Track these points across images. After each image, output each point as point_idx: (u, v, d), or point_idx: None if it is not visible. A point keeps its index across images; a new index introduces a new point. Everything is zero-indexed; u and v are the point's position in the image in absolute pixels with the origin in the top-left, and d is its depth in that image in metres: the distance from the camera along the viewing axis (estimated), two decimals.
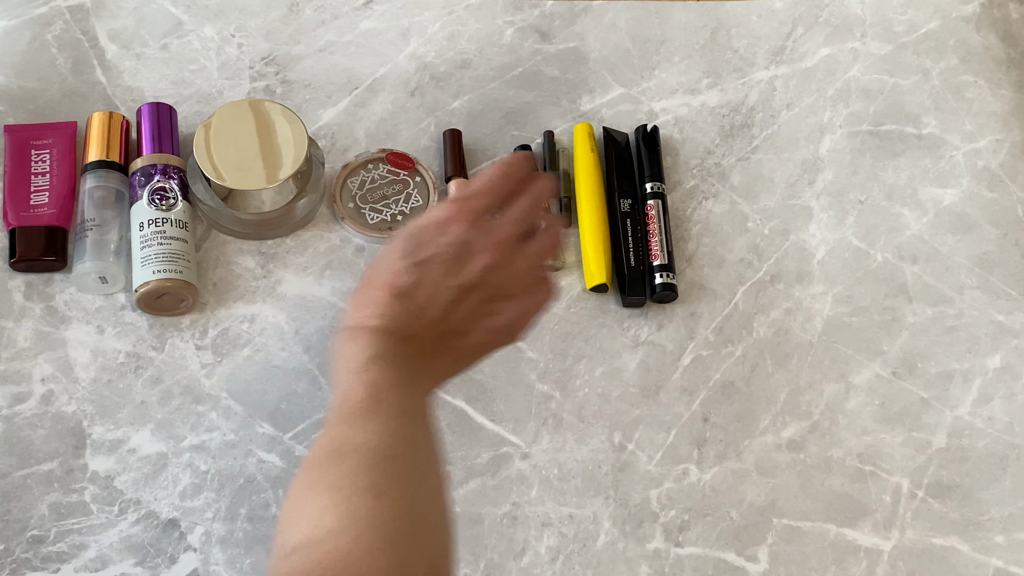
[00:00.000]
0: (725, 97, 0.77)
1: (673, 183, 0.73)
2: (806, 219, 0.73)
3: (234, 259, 0.69)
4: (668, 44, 0.79)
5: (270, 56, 0.76)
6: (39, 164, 0.69)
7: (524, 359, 0.67)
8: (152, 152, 0.68)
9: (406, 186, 0.71)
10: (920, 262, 0.72)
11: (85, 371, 0.65)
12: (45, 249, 0.66)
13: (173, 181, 0.67)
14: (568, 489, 0.64)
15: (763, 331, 0.69)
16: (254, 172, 0.65)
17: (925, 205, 0.74)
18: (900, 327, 0.70)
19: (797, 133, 0.76)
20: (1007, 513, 0.65)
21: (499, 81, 0.76)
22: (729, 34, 0.79)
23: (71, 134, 0.70)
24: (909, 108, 0.77)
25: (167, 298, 0.65)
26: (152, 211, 0.66)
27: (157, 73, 0.74)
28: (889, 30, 0.80)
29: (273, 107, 0.67)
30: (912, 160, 0.75)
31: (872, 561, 0.63)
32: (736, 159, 0.75)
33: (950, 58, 0.79)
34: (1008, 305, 0.71)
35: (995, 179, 0.75)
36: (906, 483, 0.65)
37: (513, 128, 0.75)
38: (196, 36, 0.76)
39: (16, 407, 0.64)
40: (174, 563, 0.60)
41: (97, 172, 0.68)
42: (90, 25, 0.76)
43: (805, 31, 0.80)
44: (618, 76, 0.77)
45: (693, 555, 0.63)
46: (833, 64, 0.78)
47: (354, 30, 0.77)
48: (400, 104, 0.75)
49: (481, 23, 0.78)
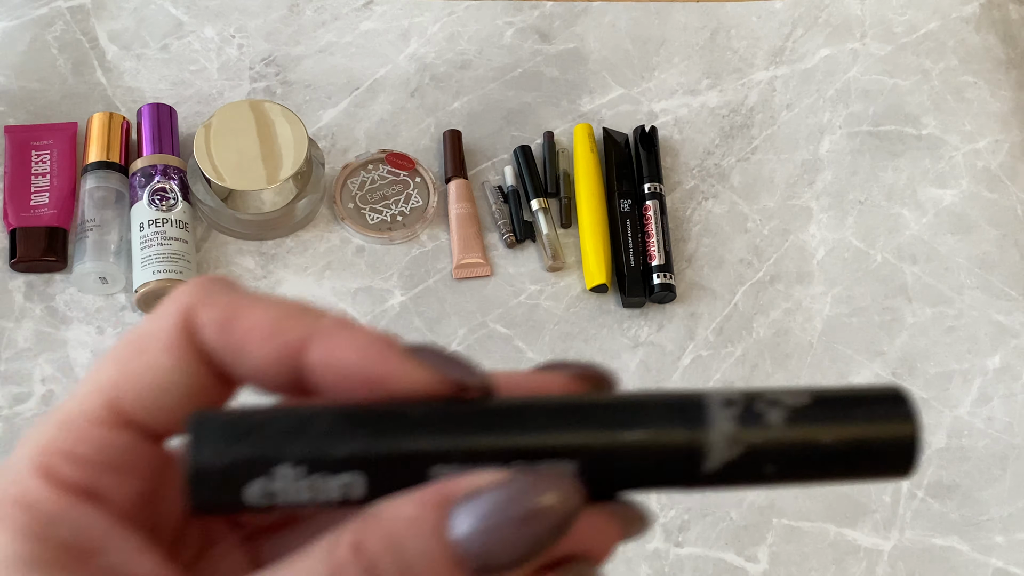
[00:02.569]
0: (725, 98, 0.77)
1: (673, 184, 0.73)
2: (806, 219, 0.73)
3: (234, 260, 0.69)
4: (668, 45, 0.79)
5: (270, 57, 0.76)
6: (39, 165, 0.69)
7: (524, 359, 0.67)
8: (152, 153, 0.68)
9: (406, 187, 0.71)
10: (920, 262, 0.72)
11: (85, 372, 0.65)
12: (45, 250, 0.66)
13: (173, 182, 0.67)
14: None
15: (763, 331, 0.69)
16: (254, 173, 0.65)
17: (925, 206, 0.74)
18: (900, 327, 0.70)
19: (797, 134, 0.76)
20: (1007, 513, 0.65)
21: (499, 82, 0.76)
22: (729, 35, 0.79)
23: (71, 135, 0.70)
24: (909, 109, 0.77)
25: None
26: (152, 212, 0.66)
27: (157, 74, 0.74)
28: (889, 31, 0.80)
29: (273, 108, 0.67)
30: (912, 161, 0.75)
31: (872, 561, 0.63)
32: (736, 160, 0.75)
33: (950, 59, 0.79)
34: (1008, 305, 0.71)
35: (995, 180, 0.75)
36: (906, 483, 0.65)
37: (513, 129, 0.75)
38: (196, 37, 0.76)
39: (16, 407, 0.64)
40: None
41: (97, 173, 0.68)
42: (90, 26, 0.76)
43: (805, 32, 0.80)
44: (618, 77, 0.77)
45: (693, 555, 0.63)
46: (833, 65, 0.78)
47: (354, 31, 0.77)
48: (400, 105, 0.75)
49: (481, 24, 0.78)
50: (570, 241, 0.71)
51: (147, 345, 0.22)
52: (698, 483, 0.22)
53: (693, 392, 0.23)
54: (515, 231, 0.70)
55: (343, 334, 0.22)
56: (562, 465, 0.22)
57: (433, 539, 0.20)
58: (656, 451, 0.22)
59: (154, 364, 0.22)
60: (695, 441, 0.22)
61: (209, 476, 0.21)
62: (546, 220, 0.70)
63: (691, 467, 0.22)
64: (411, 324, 0.68)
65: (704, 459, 0.22)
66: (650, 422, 0.22)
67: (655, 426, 0.22)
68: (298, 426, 0.21)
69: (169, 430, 0.23)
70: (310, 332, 0.22)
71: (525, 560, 0.20)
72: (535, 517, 0.20)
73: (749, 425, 0.22)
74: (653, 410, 0.22)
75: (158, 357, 0.22)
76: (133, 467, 0.22)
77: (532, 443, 0.21)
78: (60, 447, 0.22)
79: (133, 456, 0.22)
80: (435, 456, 0.21)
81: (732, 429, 0.22)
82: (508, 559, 0.20)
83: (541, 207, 0.71)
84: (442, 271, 0.69)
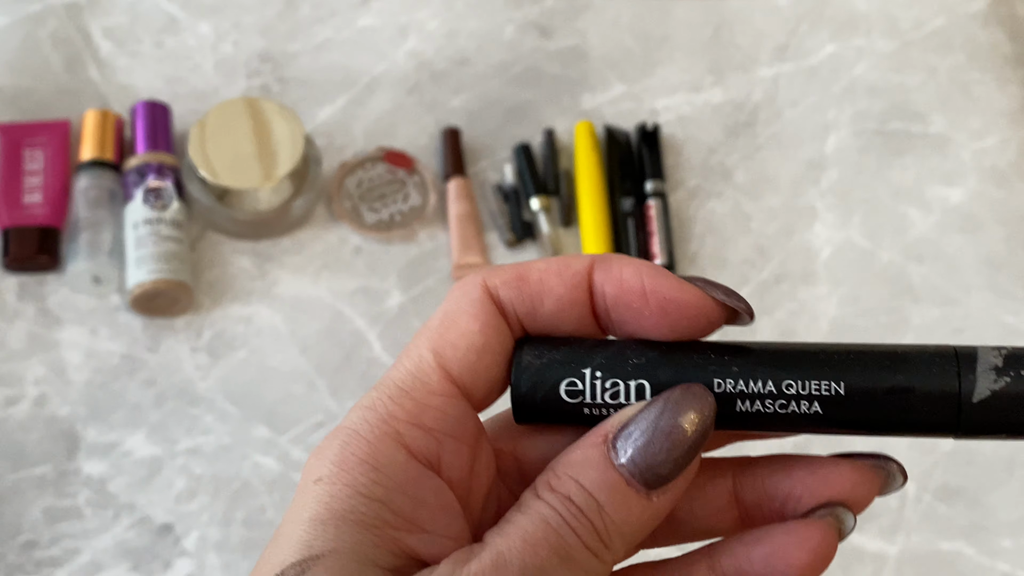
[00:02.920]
0: (728, 95, 0.76)
1: (676, 182, 0.73)
2: (811, 219, 0.72)
3: (230, 259, 0.68)
4: (671, 41, 0.78)
5: (266, 53, 0.75)
6: (32, 163, 0.68)
7: None
8: (146, 151, 0.68)
9: (404, 185, 0.71)
10: (927, 262, 0.71)
11: (78, 373, 0.64)
12: (38, 249, 0.66)
13: (168, 180, 0.67)
14: None
15: (767, 332, 0.68)
16: (250, 171, 0.65)
17: (931, 204, 0.73)
18: (906, 328, 0.69)
19: (802, 131, 0.75)
20: (1014, 517, 0.64)
21: (499, 79, 0.75)
22: (732, 31, 0.78)
23: (64, 133, 0.70)
24: (915, 106, 0.76)
25: (161, 299, 0.65)
26: (146, 211, 0.65)
27: (152, 71, 0.74)
28: (895, 27, 0.79)
29: (269, 105, 0.67)
30: (918, 159, 0.74)
31: (878, 565, 0.62)
32: (740, 158, 0.74)
33: (957, 55, 0.78)
34: (1016, 306, 0.70)
35: (1003, 178, 0.74)
36: (912, 486, 0.64)
37: (513, 126, 0.74)
38: (191, 33, 0.75)
39: (8, 410, 0.63)
40: (169, 568, 0.60)
41: (91, 171, 0.67)
42: (84, 22, 0.75)
43: (810, 28, 0.79)
44: (620, 73, 0.76)
45: None
46: (838, 61, 0.78)
47: (351, 27, 0.76)
48: (398, 102, 0.74)
49: (481, 20, 0.77)
50: (571, 240, 0.70)
51: (457, 316, 0.25)
52: (960, 429, 0.25)
53: (961, 346, 0.26)
54: (515, 230, 0.70)
55: (620, 259, 0.26)
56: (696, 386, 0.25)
57: (604, 468, 0.24)
58: (920, 395, 0.25)
59: (466, 331, 0.25)
60: (959, 386, 0.25)
61: (530, 372, 0.25)
62: (547, 219, 0.70)
63: (952, 412, 0.24)
64: (410, 325, 0.67)
65: (966, 403, 0.24)
66: (915, 367, 0.25)
67: (920, 371, 0.25)
68: (600, 344, 0.26)
69: (486, 397, 0.26)
70: (591, 262, 0.26)
71: (683, 466, 0.24)
72: (679, 428, 0.24)
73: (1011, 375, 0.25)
74: (917, 357, 0.25)
75: (469, 324, 0.25)
76: (464, 436, 0.25)
77: (796, 376, 0.25)
78: (407, 416, 0.24)
79: (465, 426, 0.25)
80: (712, 372, 0.25)
81: (995, 378, 0.25)
82: (669, 468, 0.24)
83: (542, 206, 0.70)
84: (441, 271, 0.69)
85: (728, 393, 0.25)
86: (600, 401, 0.25)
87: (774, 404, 0.25)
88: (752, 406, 0.25)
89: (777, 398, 0.25)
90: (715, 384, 0.25)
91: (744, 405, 0.25)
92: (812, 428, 0.26)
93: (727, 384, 0.25)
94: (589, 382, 0.25)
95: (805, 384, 0.25)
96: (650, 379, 0.25)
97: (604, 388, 0.25)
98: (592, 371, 0.25)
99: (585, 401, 0.25)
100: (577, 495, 0.24)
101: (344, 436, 0.24)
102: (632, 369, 0.25)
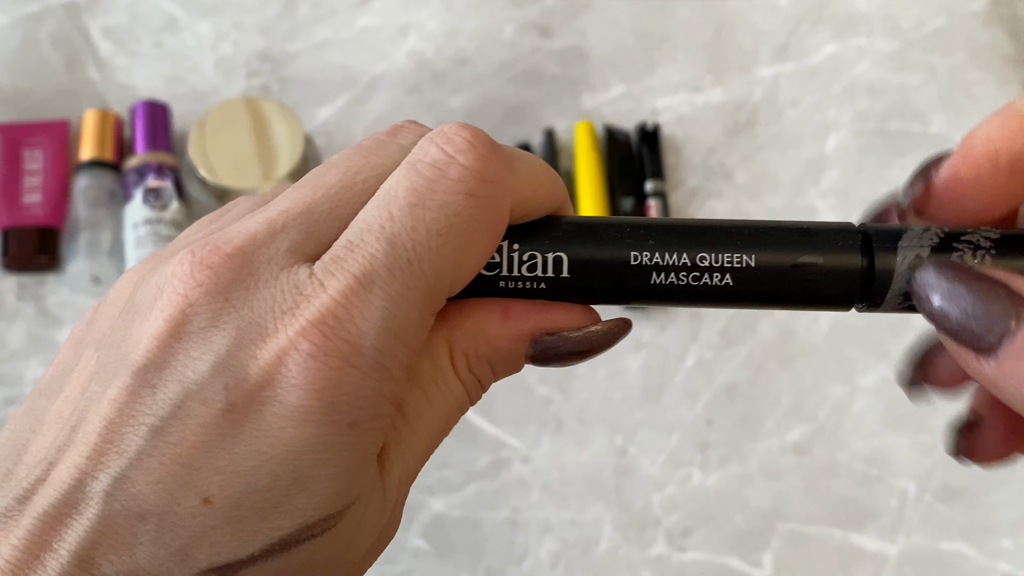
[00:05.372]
0: (729, 95, 0.76)
1: (676, 182, 0.72)
2: (811, 218, 0.72)
3: None
4: (671, 41, 0.78)
5: (266, 53, 0.75)
6: (31, 163, 0.68)
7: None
8: (146, 151, 0.67)
9: None
10: None
11: None
12: (37, 249, 0.65)
13: (167, 180, 0.67)
14: (569, 493, 0.63)
15: (767, 332, 0.68)
16: (250, 171, 0.65)
17: None
18: (906, 328, 0.69)
19: (802, 131, 0.75)
20: (1014, 517, 0.64)
21: (499, 79, 0.75)
22: (732, 31, 0.78)
23: (64, 133, 0.69)
24: (916, 106, 0.76)
25: None
26: (146, 211, 0.65)
27: (151, 71, 0.73)
28: (895, 27, 0.79)
29: (269, 105, 0.67)
30: (919, 159, 0.74)
31: (878, 565, 0.62)
32: (740, 158, 0.74)
33: (957, 55, 0.78)
34: None
35: None
36: (913, 487, 0.64)
37: (513, 126, 0.74)
38: (191, 33, 0.75)
39: (8, 410, 0.63)
40: None
41: (90, 171, 0.67)
42: (83, 22, 0.75)
43: (810, 28, 0.79)
44: (620, 73, 0.76)
45: (696, 560, 0.62)
46: (838, 61, 0.77)
47: (351, 27, 0.76)
48: (398, 102, 0.74)
49: (480, 20, 0.77)
50: None
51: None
52: (862, 301, 0.27)
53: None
54: None
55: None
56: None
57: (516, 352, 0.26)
58: (825, 269, 0.26)
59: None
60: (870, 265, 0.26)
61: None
62: None
63: (855, 285, 0.26)
64: None
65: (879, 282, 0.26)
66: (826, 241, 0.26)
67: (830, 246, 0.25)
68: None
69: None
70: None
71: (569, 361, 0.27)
72: (591, 349, 0.27)
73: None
74: (824, 232, 0.26)
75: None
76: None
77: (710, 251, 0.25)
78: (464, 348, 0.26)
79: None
80: (629, 244, 0.25)
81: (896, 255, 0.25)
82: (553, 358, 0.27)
83: None
84: None
85: (644, 265, 0.25)
86: (516, 274, 0.25)
87: (688, 276, 0.25)
88: (667, 279, 0.25)
89: (691, 270, 0.25)
90: (631, 257, 0.25)
91: (659, 278, 0.25)
92: (723, 301, 0.26)
93: (643, 257, 0.25)
94: (507, 254, 0.25)
95: (718, 256, 0.25)
96: (568, 252, 0.25)
97: (521, 261, 0.25)
98: (510, 243, 0.25)
99: (501, 274, 0.25)
100: (482, 354, 0.26)
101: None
102: (550, 242, 0.25)
